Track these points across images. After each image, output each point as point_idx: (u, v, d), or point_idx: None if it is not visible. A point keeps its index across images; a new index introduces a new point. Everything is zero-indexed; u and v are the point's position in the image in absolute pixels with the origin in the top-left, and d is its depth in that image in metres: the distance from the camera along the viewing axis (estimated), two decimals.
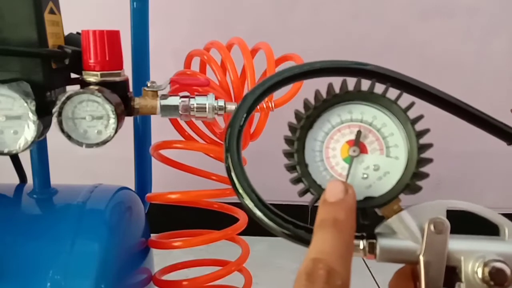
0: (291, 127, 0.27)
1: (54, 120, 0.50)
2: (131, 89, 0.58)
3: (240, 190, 0.27)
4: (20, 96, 0.48)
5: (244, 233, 0.73)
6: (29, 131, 0.49)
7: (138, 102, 0.55)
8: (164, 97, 0.55)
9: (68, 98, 0.49)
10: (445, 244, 0.25)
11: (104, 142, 0.51)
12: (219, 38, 0.67)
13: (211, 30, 1.38)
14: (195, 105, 0.55)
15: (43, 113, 0.50)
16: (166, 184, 0.69)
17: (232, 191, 0.28)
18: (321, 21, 1.37)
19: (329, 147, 0.27)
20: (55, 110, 0.49)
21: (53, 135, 0.54)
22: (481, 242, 0.26)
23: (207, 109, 0.55)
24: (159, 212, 0.73)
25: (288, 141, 0.27)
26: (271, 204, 0.28)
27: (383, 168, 0.27)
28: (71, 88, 0.53)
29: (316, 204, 0.27)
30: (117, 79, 0.54)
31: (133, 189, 0.70)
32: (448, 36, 1.41)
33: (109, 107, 0.50)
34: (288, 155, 0.27)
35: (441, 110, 0.43)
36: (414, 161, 0.26)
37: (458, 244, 0.25)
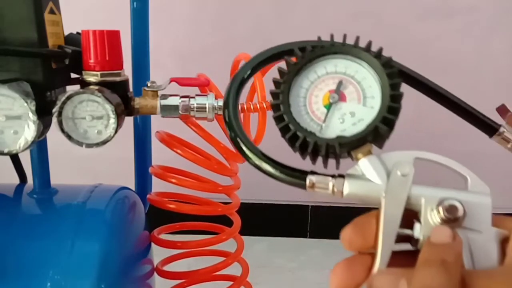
0: (280, 72, 0.31)
1: (54, 120, 0.50)
2: (131, 89, 0.58)
3: (250, 155, 0.31)
4: (20, 96, 0.48)
5: (244, 233, 0.73)
6: (29, 131, 0.49)
7: (138, 102, 0.55)
8: (164, 97, 0.55)
9: (68, 98, 0.49)
10: (407, 186, 0.27)
11: (104, 142, 0.51)
12: (219, 38, 0.67)
13: (212, 30, 1.38)
14: (195, 105, 0.55)
15: (43, 113, 0.50)
16: (166, 184, 0.69)
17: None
18: (321, 21, 1.37)
19: (313, 94, 0.30)
20: (55, 110, 0.49)
21: (53, 135, 0.54)
22: (444, 189, 0.27)
23: (207, 109, 0.55)
24: (159, 212, 0.73)
25: (276, 83, 0.30)
26: (272, 204, 0.29)
27: (358, 115, 0.29)
28: (71, 88, 0.53)
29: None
30: (117, 79, 0.54)
31: (133, 189, 0.70)
32: (448, 36, 1.41)
33: (109, 107, 0.50)
34: (274, 95, 0.30)
35: (441, 112, 0.43)
36: (385, 107, 0.28)
37: (421, 189, 0.27)
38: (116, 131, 0.51)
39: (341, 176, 0.29)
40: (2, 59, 0.49)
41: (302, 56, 0.30)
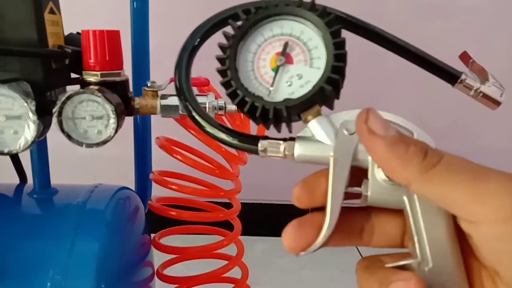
0: (226, 36, 0.30)
1: (54, 120, 0.50)
2: (131, 89, 0.58)
3: (203, 123, 0.31)
4: (20, 96, 0.48)
5: (244, 233, 0.73)
6: (29, 131, 0.49)
7: (138, 102, 0.55)
8: (164, 97, 0.55)
9: (68, 98, 0.49)
10: (354, 144, 0.27)
11: (104, 142, 0.51)
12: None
13: None
14: None
15: (43, 113, 0.50)
16: None
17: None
18: None
19: (261, 58, 0.30)
20: (55, 110, 0.49)
21: (53, 135, 0.54)
22: None
23: (207, 109, 0.55)
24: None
25: (222, 48, 0.30)
26: (272, 204, 0.29)
27: (305, 77, 0.29)
28: (71, 88, 0.53)
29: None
30: (117, 79, 0.54)
31: (133, 189, 0.70)
32: (448, 36, 1.42)
33: (109, 107, 0.50)
34: (220, 61, 0.30)
35: (441, 113, 0.43)
36: (330, 67, 0.28)
37: None
38: (116, 131, 0.51)
39: (292, 139, 0.29)
40: (2, 59, 0.49)
41: (246, 18, 0.30)
